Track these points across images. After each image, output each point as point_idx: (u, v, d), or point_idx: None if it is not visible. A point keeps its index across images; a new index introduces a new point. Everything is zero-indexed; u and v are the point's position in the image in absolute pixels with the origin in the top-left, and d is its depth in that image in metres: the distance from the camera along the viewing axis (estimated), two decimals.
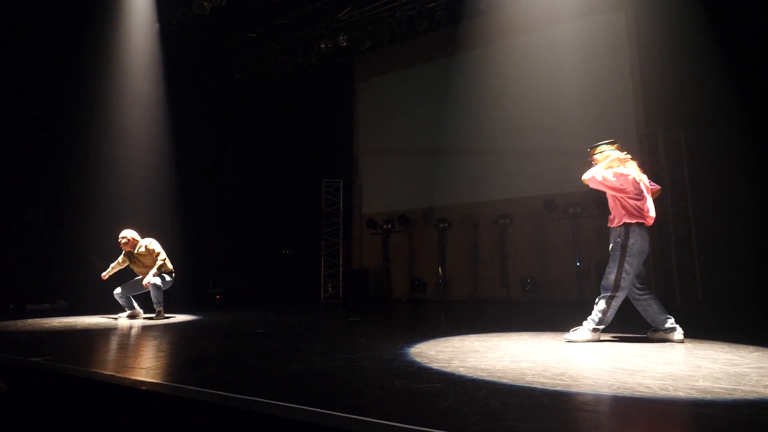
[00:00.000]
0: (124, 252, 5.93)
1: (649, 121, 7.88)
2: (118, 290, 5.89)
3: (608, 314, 3.52)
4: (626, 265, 3.48)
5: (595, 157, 3.81)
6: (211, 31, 9.59)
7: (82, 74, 8.00)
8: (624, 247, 3.49)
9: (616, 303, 3.52)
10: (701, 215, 7.13)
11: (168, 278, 5.88)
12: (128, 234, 5.86)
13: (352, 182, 11.15)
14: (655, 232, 7.60)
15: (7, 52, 7.50)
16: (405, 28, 9.00)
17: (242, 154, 10.85)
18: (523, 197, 9.01)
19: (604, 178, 3.61)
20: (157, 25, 8.73)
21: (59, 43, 7.96)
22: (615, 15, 8.55)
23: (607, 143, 3.81)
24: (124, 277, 6.07)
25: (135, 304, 5.96)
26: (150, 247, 5.82)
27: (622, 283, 3.48)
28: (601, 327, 3.53)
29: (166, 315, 5.87)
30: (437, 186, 10.00)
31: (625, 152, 3.76)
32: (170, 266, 5.91)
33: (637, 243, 3.49)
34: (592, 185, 3.70)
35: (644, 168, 3.88)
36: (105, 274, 5.97)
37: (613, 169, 3.65)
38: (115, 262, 6.00)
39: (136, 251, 5.86)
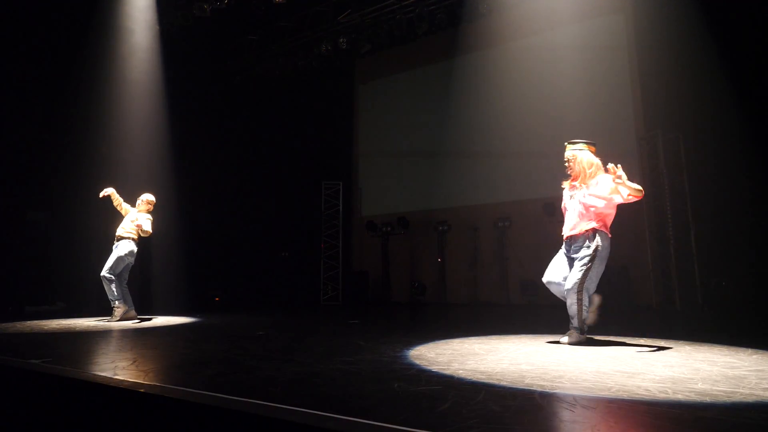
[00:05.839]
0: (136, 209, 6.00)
1: (649, 125, 7.89)
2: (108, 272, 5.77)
3: (584, 314, 3.53)
4: (595, 269, 3.48)
5: (574, 152, 3.69)
6: (211, 33, 9.60)
7: (82, 75, 8.00)
8: (596, 250, 3.46)
9: (585, 302, 3.54)
10: (701, 219, 7.14)
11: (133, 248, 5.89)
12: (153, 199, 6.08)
13: (352, 185, 11.15)
14: (655, 235, 7.62)
15: (7, 53, 7.50)
16: (405, 31, 9.01)
17: (242, 156, 10.85)
18: (522, 200, 9.01)
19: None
20: (157, 27, 8.74)
21: (59, 44, 7.97)
22: (614, 18, 8.57)
23: (587, 143, 3.77)
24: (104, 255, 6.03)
25: (129, 299, 5.83)
26: (141, 224, 5.89)
27: (588, 284, 3.51)
28: (586, 327, 3.57)
29: (139, 317, 5.81)
30: (437, 189, 10.00)
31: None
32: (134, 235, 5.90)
33: (606, 248, 3.49)
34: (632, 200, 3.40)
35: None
36: (109, 193, 6.01)
37: (597, 176, 3.57)
38: (120, 205, 6.07)
39: (136, 214, 5.95)
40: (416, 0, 8.69)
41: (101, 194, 6.00)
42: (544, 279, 3.80)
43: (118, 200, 6.07)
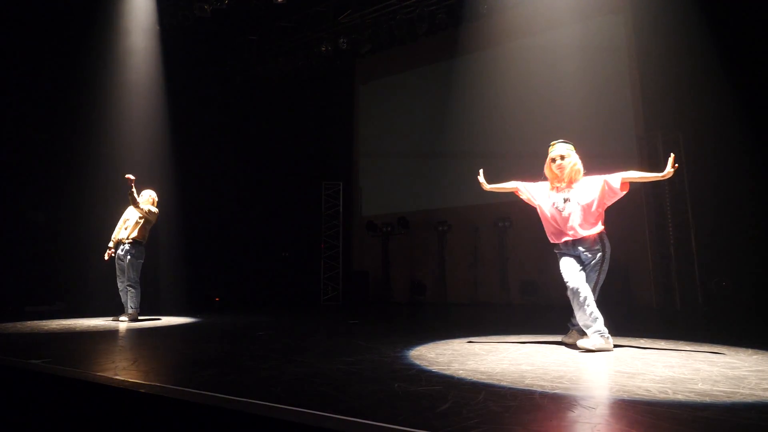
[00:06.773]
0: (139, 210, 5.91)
1: (649, 125, 7.89)
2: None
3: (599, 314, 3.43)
4: (604, 272, 3.46)
5: (568, 151, 3.61)
6: (211, 33, 9.60)
7: (82, 75, 8.00)
8: (605, 255, 3.44)
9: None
10: (701, 219, 7.14)
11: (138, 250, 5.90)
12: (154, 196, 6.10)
13: (352, 185, 11.16)
14: (655, 235, 7.62)
15: (7, 54, 7.50)
16: (405, 31, 9.02)
17: (242, 156, 10.86)
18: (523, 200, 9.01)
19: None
20: (157, 27, 8.74)
21: (59, 44, 7.96)
22: (614, 18, 8.57)
23: (569, 142, 3.75)
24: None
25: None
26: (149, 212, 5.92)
27: (598, 287, 3.47)
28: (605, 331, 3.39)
29: (140, 317, 5.83)
30: (437, 188, 10.00)
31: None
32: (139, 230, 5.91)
33: (610, 248, 3.46)
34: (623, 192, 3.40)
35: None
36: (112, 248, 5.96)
37: (582, 179, 3.54)
38: (132, 194, 5.90)
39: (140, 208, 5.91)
40: (416, 0, 8.69)
41: (128, 175, 5.79)
42: (570, 284, 3.53)
43: (134, 190, 5.92)
